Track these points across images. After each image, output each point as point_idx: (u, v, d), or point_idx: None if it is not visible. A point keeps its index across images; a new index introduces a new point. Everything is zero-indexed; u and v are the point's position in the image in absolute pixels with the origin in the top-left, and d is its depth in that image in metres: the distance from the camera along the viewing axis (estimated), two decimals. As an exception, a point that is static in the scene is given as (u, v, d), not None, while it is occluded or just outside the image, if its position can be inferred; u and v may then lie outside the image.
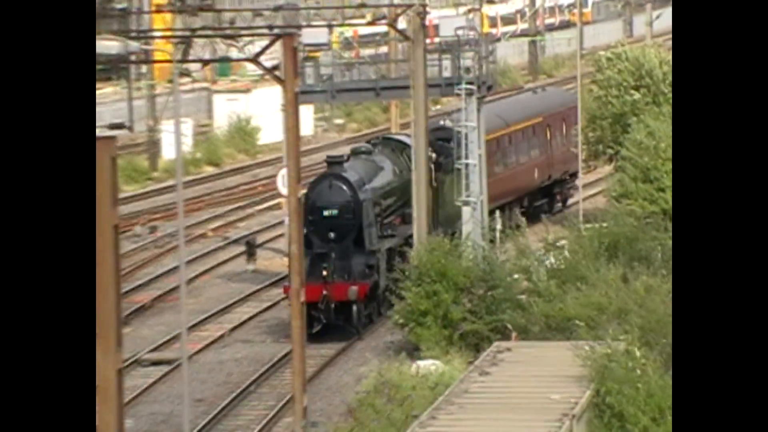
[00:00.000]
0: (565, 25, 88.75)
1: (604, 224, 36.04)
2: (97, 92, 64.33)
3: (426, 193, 36.37)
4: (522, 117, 47.37)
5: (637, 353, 23.19)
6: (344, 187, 33.44)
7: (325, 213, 33.35)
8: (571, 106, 50.30)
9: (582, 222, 39.59)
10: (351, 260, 32.99)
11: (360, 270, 32.64)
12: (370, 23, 58.42)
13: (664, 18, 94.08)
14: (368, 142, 40.39)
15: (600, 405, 22.39)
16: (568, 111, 49.89)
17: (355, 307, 31.24)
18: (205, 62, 53.39)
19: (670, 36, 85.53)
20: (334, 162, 35.22)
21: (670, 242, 34.20)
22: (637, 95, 46.63)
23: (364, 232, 33.25)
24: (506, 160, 45.70)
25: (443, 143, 40.27)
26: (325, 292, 32.28)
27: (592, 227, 36.23)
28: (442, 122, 43.52)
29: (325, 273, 32.58)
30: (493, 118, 43.94)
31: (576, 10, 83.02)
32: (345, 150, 49.17)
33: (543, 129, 48.50)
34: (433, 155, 38.56)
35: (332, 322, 32.92)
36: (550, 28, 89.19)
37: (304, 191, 34.19)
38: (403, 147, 38.63)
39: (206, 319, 36.79)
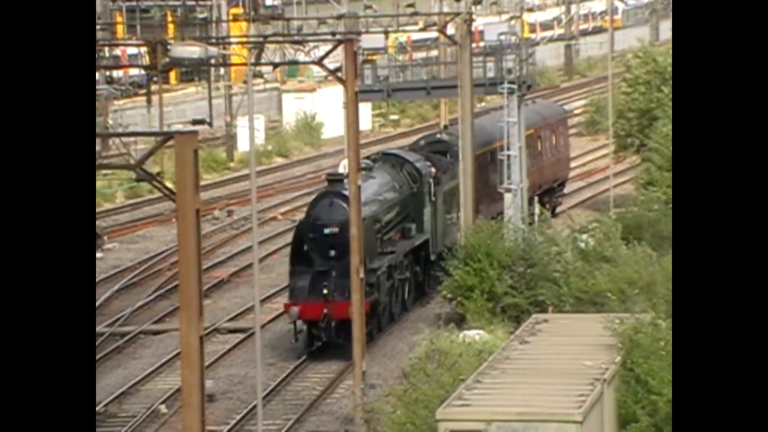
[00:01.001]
0: (598, 31, 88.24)
1: (634, 209, 35.99)
2: (181, 92, 64.68)
3: (470, 183, 36.26)
4: (530, 124, 42.93)
5: (663, 325, 23.06)
6: (345, 205, 29.05)
7: (326, 231, 29.63)
8: (561, 118, 48.56)
9: (612, 207, 39.53)
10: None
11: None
12: (422, 29, 58.41)
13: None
14: (368, 158, 35.32)
15: (628, 371, 22.30)
16: (557, 122, 47.09)
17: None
18: (276, 65, 53.45)
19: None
20: (334, 180, 31.32)
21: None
22: (665, 91, 46.34)
23: (364, 250, 28.68)
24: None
25: (440, 157, 36.93)
26: (325, 311, 28.95)
27: (621, 211, 36.14)
28: (438, 135, 40.00)
29: (325, 291, 29.20)
30: (487, 131, 39.91)
31: (607, 17, 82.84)
32: (401, 143, 49.12)
33: (534, 141, 44.31)
34: (432, 170, 35.50)
35: (333, 340, 29.38)
36: (584, 33, 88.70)
37: (305, 208, 32.47)
38: (403, 162, 34.74)
39: (276, 292, 36.87)
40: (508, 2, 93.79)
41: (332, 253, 29.50)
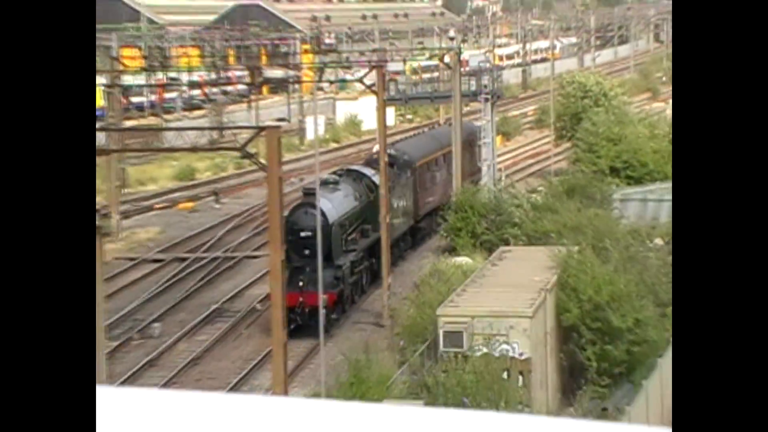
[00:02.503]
0: (543, 60, 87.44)
1: (566, 176, 35.79)
2: (269, 100, 64.37)
3: (458, 161, 35.94)
4: (446, 144, 36.52)
5: (587, 253, 22.96)
6: (316, 214, 25.39)
7: (302, 234, 25.93)
8: (475, 136, 40.71)
9: (553, 175, 39.22)
10: (323, 273, 25.20)
11: (329, 281, 25.24)
12: (429, 58, 57.95)
13: (603, 56, 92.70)
14: (334, 173, 31.43)
15: (563, 283, 22.18)
16: (471, 137, 39.93)
17: (324, 311, 22.90)
18: (331, 82, 53.26)
19: (604, 66, 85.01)
20: (309, 193, 26.94)
21: (605, 188, 33.87)
22: (585, 101, 46.40)
23: (332, 249, 25.97)
24: (434, 179, 36.17)
25: (389, 169, 30.85)
26: (301, 299, 25.44)
27: (559, 178, 35.93)
28: (388, 151, 33.80)
29: (301, 284, 25.65)
30: (424, 147, 35.94)
31: (550, 51, 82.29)
32: (407, 133, 48.83)
33: (465, 148, 37.58)
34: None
35: (306, 323, 25.19)
36: (535, 61, 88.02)
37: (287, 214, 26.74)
38: (362, 176, 30.64)
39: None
40: (485, 41, 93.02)
41: (306, 252, 25.71)
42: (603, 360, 21.31)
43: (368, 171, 31.10)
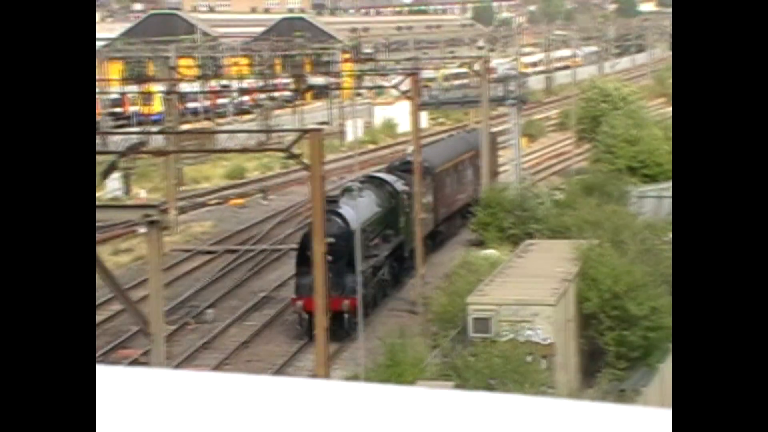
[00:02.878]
0: (565, 67, 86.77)
1: (586, 175, 35.57)
2: (312, 105, 64.48)
3: (486, 161, 35.78)
4: (463, 151, 35.64)
5: (606, 246, 22.75)
6: (339, 221, 24.62)
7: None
8: (492, 143, 39.08)
9: (574, 174, 38.95)
10: (344, 278, 24.10)
11: (352, 287, 23.47)
12: (459, 66, 57.72)
13: (621, 64, 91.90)
14: (356, 180, 29.58)
15: (583, 274, 22.01)
16: (492, 143, 38.73)
17: (346, 316, 22.64)
18: (369, 88, 53.26)
19: (622, 73, 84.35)
20: (331, 200, 25.28)
21: (623, 186, 33.59)
22: (604, 105, 46.06)
23: (354, 256, 24.02)
24: (453, 184, 34.34)
25: (409, 176, 29.36)
26: None
27: (580, 177, 35.69)
28: (408, 158, 31.83)
29: None
30: (443, 153, 33.85)
31: (572, 59, 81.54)
32: (442, 135, 48.65)
33: (476, 159, 35.91)
34: (406, 188, 28.78)
35: (329, 327, 21.86)
36: (557, 68, 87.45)
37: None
38: (384, 183, 28.84)
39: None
40: (511, 50, 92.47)
41: (329, 258, 23.62)
42: (621, 345, 21.14)
43: (390, 178, 29.51)
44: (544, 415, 1.33)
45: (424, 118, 56.01)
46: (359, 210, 25.82)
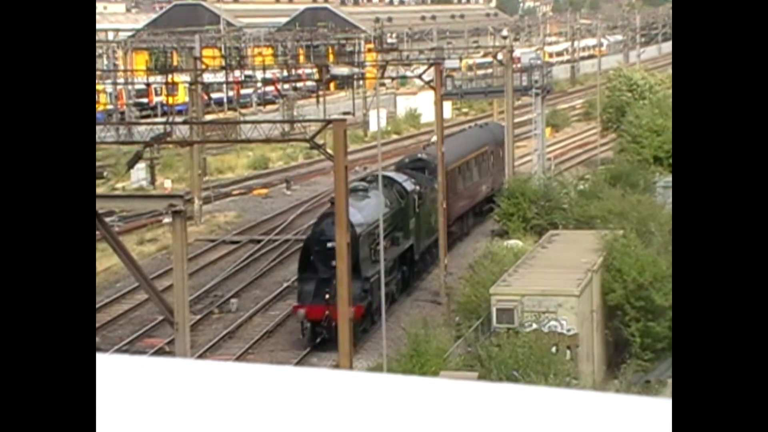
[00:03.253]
0: (590, 57, 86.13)
1: (611, 165, 35.34)
2: (335, 96, 64.49)
3: (512, 151, 35.62)
4: (474, 148, 34.29)
5: (630, 236, 22.58)
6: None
7: (329, 245, 22.12)
8: (503, 136, 37.35)
9: (599, 164, 38.69)
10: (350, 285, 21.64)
11: (357, 293, 21.76)
12: (483, 56, 57.46)
13: (647, 53, 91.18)
14: (363, 179, 28.14)
15: (608, 265, 21.87)
16: (501, 139, 36.60)
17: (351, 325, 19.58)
18: (393, 78, 53.09)
19: (648, 62, 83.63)
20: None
21: (649, 176, 33.34)
22: (629, 94, 45.75)
23: (360, 261, 22.62)
24: (465, 182, 33.03)
25: (421, 174, 28.58)
26: (327, 313, 21.99)
27: (605, 167, 35.46)
28: (419, 155, 31.27)
29: (327, 296, 22.15)
30: (455, 150, 31.74)
31: (597, 48, 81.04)
32: (467, 125, 48.36)
33: (488, 155, 35.28)
34: (417, 187, 27.39)
35: (333, 337, 21.01)
36: (582, 58, 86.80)
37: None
38: (393, 183, 26.97)
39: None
40: (536, 39, 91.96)
41: (333, 263, 21.28)
42: (646, 336, 21.01)
43: (399, 177, 27.73)
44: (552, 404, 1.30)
45: (448, 108, 55.92)
46: (365, 212, 23.99)
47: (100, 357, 1.48)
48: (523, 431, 1.22)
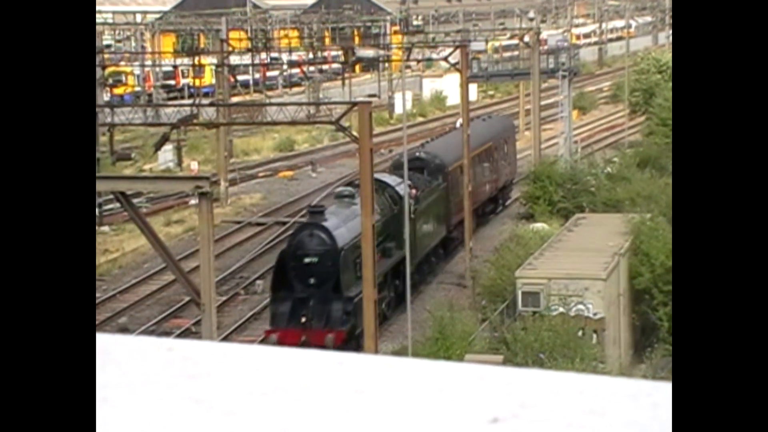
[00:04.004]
0: (618, 39, 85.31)
1: (639, 148, 35.04)
2: (361, 78, 64.33)
3: (537, 132, 35.34)
4: (477, 145, 29.71)
5: (659, 221, 22.36)
6: (324, 236, 20.08)
7: (306, 260, 19.98)
8: (511, 130, 36.21)
9: (627, 147, 38.36)
10: (330, 306, 19.82)
11: (338, 316, 19.63)
12: (509, 38, 57.08)
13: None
14: (349, 184, 24.55)
15: (636, 249, 21.69)
16: (507, 134, 34.71)
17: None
18: (418, 61, 52.86)
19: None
20: (315, 212, 21.50)
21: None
22: (658, 77, 45.35)
23: (342, 278, 19.94)
24: (479, 172, 30.49)
25: (419, 175, 25.67)
26: (303, 338, 19.39)
27: (633, 150, 35.17)
28: (417, 153, 28.01)
29: (303, 319, 19.78)
30: (455, 149, 27.84)
31: (626, 30, 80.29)
32: (494, 108, 48.17)
33: (491, 152, 32.00)
34: (413, 191, 23.53)
35: None
36: (610, 40, 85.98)
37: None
38: (385, 186, 23.48)
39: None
40: (563, 21, 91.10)
41: (312, 281, 19.97)
42: (673, 321, 20.83)
43: (392, 180, 23.93)
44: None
45: (474, 90, 55.63)
46: (350, 222, 20.57)
47: (128, 338, 1.45)
48: (546, 415, 1.17)
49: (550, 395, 1.23)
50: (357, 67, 63.89)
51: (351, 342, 20.11)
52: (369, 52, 59.00)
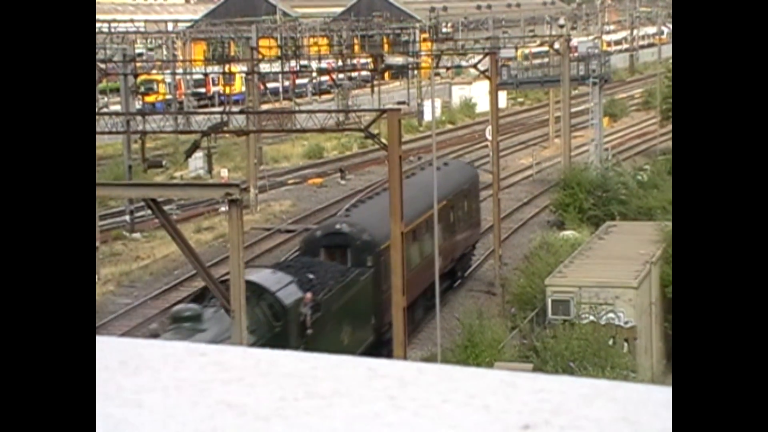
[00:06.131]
0: (650, 45, 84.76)
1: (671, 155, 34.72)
2: (390, 85, 64.39)
3: (567, 129, 35.14)
4: (426, 206, 21.30)
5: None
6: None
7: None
8: (473, 181, 27.66)
9: (659, 155, 38.06)
10: None
11: None
12: (539, 45, 56.90)
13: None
14: (196, 299, 18.18)
15: (668, 257, 21.51)
16: (469, 187, 26.77)
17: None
18: (448, 68, 52.94)
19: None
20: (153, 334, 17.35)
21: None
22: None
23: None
24: (417, 252, 22.16)
25: (328, 264, 19.16)
26: None
27: (665, 157, 34.87)
28: (337, 225, 21.11)
29: None
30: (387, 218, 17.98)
31: (658, 36, 79.81)
32: (523, 116, 47.93)
33: (447, 212, 23.77)
34: (308, 295, 16.63)
35: None
36: (642, 46, 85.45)
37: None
38: (261, 293, 16.62)
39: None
40: (593, 28, 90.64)
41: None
42: (706, 330, 20.60)
43: (275, 282, 16.77)
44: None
45: (503, 97, 55.50)
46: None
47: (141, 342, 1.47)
48: (579, 422, 1.17)
49: (583, 402, 1.23)
50: (386, 75, 64.01)
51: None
52: (398, 60, 59.10)
